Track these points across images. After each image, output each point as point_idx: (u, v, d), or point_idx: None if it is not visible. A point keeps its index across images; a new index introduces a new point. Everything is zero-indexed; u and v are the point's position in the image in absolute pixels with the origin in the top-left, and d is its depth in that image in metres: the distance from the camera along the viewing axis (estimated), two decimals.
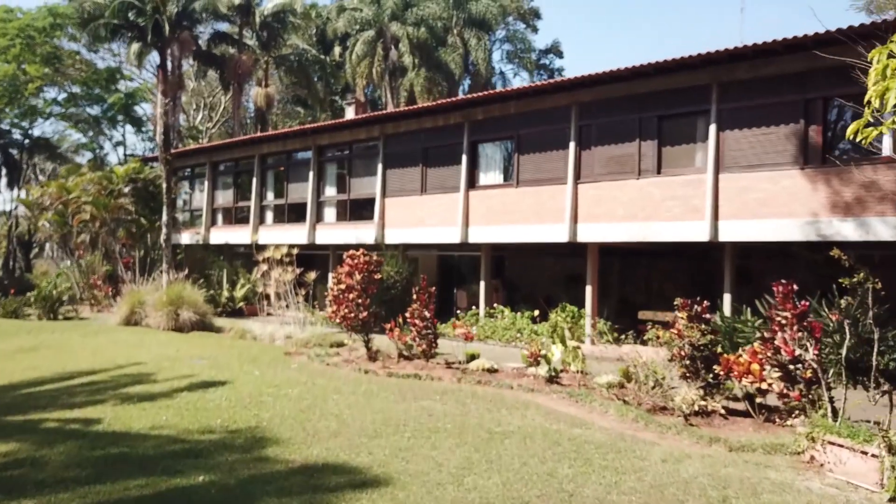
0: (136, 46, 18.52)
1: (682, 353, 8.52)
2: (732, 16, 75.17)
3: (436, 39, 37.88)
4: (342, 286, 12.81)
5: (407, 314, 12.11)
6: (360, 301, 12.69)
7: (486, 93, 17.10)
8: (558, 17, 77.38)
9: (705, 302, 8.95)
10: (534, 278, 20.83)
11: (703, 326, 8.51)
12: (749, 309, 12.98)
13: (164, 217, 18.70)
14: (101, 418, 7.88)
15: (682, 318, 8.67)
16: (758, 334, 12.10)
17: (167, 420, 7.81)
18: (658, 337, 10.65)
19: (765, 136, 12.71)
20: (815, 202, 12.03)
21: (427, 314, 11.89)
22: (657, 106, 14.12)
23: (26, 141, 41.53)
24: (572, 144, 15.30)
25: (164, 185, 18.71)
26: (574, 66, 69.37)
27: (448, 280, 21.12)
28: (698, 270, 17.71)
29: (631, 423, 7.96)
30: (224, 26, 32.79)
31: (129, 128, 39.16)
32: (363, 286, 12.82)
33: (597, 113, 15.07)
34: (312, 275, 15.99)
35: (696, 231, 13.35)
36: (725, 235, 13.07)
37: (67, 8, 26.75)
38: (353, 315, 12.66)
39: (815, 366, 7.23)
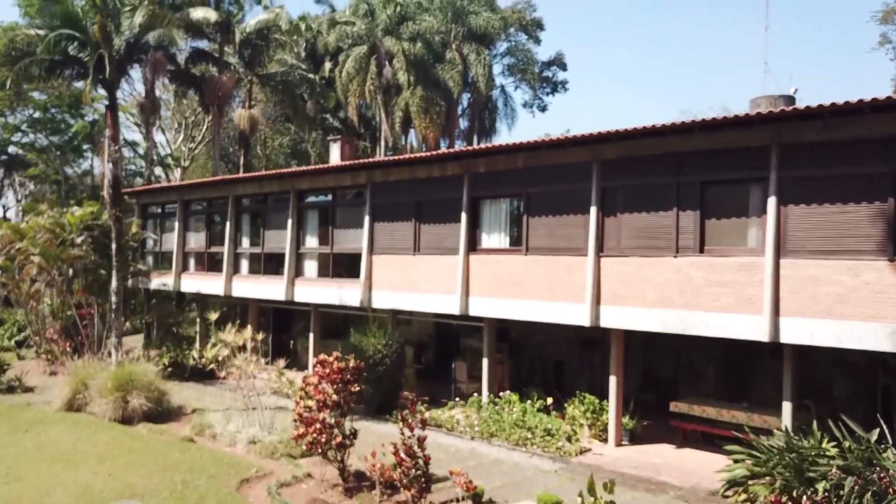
0: (86, 84, 15.89)
1: None
2: (736, 21, 72.77)
3: (433, 55, 35.29)
4: (310, 402, 10.23)
5: (391, 449, 9.50)
6: (332, 422, 10.12)
7: (489, 145, 14.60)
8: (559, 24, 74.95)
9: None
10: (542, 339, 18.21)
11: None
12: (815, 422, 10.47)
13: (114, 283, 16.03)
14: None
15: None
16: (834, 469, 9.74)
17: None
18: None
19: (841, 216, 10.12)
20: None
21: (417, 449, 9.31)
22: (700, 169, 11.53)
23: (3, 157, 39.03)
24: (593, 209, 12.71)
25: (114, 246, 16.05)
26: (576, 74, 66.83)
27: (446, 347, 18.54)
28: (732, 343, 15.17)
29: None
30: (203, 44, 30.24)
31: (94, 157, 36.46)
32: (338, 400, 10.26)
33: (624, 173, 12.47)
34: (282, 363, 13.51)
35: (750, 327, 10.77)
36: (789, 336, 10.48)
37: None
38: (324, 439, 10.10)
39: None
